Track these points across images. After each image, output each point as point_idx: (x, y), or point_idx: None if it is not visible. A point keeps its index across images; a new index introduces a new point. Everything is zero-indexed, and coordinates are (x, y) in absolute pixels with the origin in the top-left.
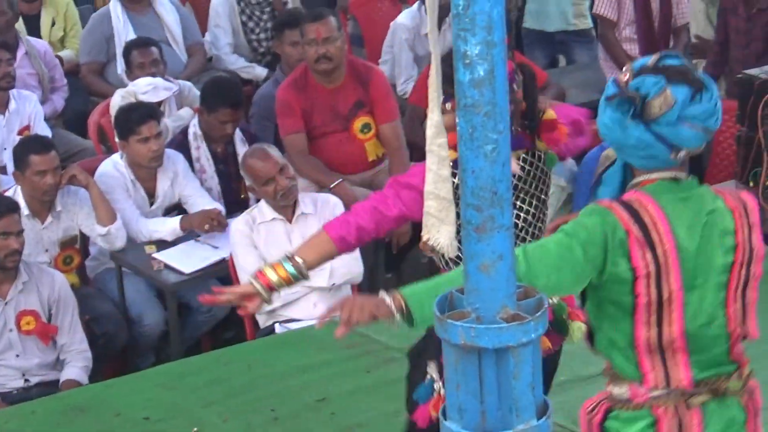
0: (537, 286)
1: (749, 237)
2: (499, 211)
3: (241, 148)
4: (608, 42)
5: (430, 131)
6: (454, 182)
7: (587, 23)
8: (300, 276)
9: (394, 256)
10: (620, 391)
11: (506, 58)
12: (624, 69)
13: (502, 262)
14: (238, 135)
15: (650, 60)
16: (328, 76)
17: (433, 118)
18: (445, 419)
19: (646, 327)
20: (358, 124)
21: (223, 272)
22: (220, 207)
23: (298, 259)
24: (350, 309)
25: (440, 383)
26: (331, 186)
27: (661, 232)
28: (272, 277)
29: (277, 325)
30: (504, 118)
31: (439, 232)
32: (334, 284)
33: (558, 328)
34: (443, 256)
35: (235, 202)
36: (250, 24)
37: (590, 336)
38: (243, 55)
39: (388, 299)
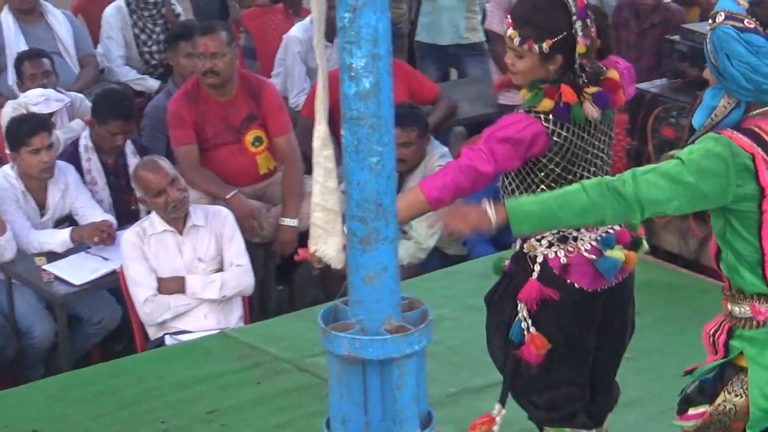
0: (644, 207)
1: None
2: (384, 223)
3: (132, 160)
4: (500, 58)
5: (316, 143)
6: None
7: (480, 37)
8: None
9: (285, 268)
10: (742, 310)
11: (392, 71)
12: (730, 15)
13: (387, 273)
14: (129, 147)
15: (742, 1)
16: (218, 90)
17: (320, 130)
18: (328, 429)
19: None
20: (249, 137)
21: (113, 284)
22: (111, 219)
23: None
24: (455, 219)
25: (527, 323)
26: (226, 197)
27: None
28: None
29: (167, 337)
30: (389, 130)
31: (326, 243)
32: (224, 296)
33: (634, 246)
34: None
35: (126, 214)
36: (143, 36)
37: (717, 256)
38: (135, 67)
39: (490, 212)
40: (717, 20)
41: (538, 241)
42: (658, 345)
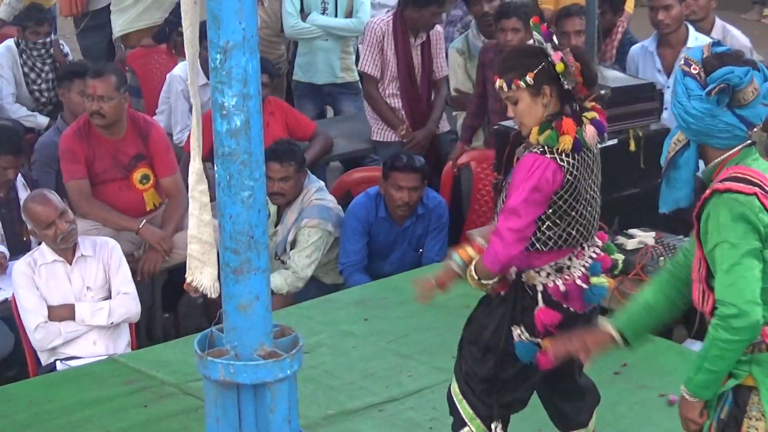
0: (750, 302)
1: None
2: (255, 254)
3: (23, 193)
4: (372, 98)
5: (192, 178)
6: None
7: (354, 76)
8: None
9: (170, 296)
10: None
11: (261, 110)
12: (685, 61)
13: (259, 302)
14: (19, 180)
15: (705, 51)
16: (107, 129)
17: (195, 166)
18: None
19: None
20: (137, 175)
21: (6, 312)
22: (2, 249)
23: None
24: (579, 349)
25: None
26: (139, 228)
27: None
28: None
29: (58, 363)
30: (260, 166)
31: (201, 274)
32: (112, 323)
33: (612, 270)
34: None
35: (18, 245)
36: (32, 75)
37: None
38: (25, 104)
39: (614, 333)
40: (680, 63)
41: (537, 272)
42: None
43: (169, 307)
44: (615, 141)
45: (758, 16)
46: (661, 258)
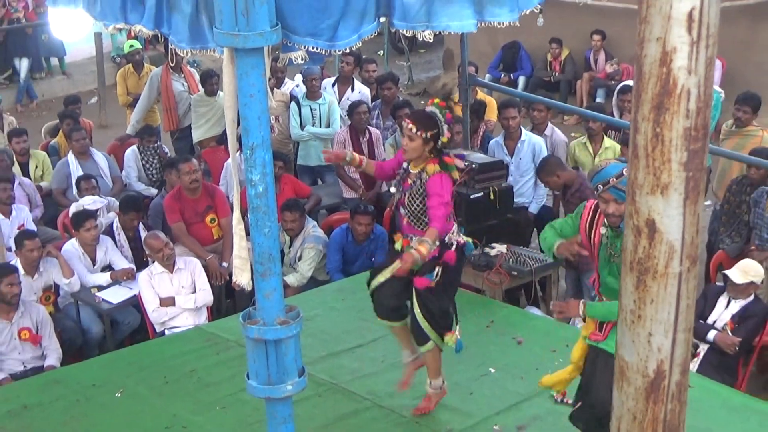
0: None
1: None
2: (273, 265)
3: (143, 234)
4: (341, 175)
5: (234, 221)
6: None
7: None
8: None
9: (230, 290)
10: None
11: (274, 181)
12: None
13: (276, 292)
14: (141, 227)
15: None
16: (193, 193)
17: (236, 215)
18: (248, 379)
19: None
20: (208, 218)
21: (135, 301)
22: (132, 266)
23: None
24: (562, 310)
25: (438, 273)
26: (207, 258)
27: None
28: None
29: (166, 331)
30: (274, 214)
31: (242, 277)
32: (197, 307)
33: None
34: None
35: (141, 263)
36: (147, 165)
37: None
38: (143, 182)
39: (581, 309)
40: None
41: (451, 234)
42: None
43: (229, 295)
44: (482, 194)
45: (562, 120)
46: (510, 259)
